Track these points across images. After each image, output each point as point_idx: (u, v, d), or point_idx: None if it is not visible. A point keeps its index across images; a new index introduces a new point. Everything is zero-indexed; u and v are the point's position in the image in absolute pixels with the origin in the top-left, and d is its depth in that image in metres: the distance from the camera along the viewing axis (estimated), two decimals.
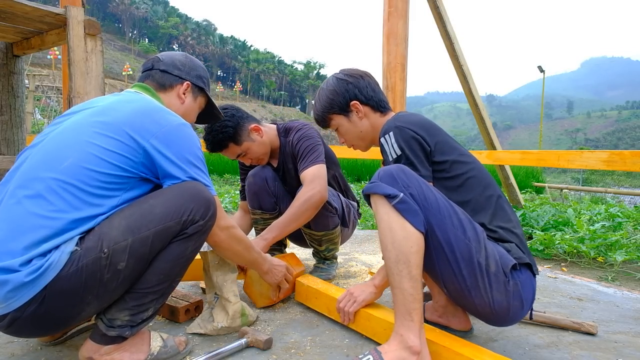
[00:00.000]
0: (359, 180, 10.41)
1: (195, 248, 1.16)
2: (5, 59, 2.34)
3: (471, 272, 1.12)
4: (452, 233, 1.12)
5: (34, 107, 14.74)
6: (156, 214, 1.07)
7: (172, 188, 1.12)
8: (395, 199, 1.11)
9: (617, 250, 2.75)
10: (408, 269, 1.09)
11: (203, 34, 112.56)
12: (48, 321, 1.02)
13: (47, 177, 1.03)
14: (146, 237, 1.05)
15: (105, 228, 1.03)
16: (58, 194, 1.02)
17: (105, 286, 1.02)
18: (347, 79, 1.45)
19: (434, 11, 3.73)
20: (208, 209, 1.14)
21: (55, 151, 1.08)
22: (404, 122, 1.27)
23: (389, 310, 1.36)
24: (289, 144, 1.97)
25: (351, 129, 1.48)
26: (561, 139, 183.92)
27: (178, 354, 1.21)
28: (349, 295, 1.41)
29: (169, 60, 1.37)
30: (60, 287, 0.97)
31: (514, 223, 1.25)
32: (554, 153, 2.92)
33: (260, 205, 2.00)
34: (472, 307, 1.19)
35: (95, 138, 1.08)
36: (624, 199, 8.94)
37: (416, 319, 1.10)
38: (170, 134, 1.13)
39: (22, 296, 0.95)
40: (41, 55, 36.12)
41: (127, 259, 1.03)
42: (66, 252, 0.98)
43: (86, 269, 0.99)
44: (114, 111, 1.14)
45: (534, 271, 1.20)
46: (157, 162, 1.11)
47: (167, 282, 1.13)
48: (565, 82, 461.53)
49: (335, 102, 1.45)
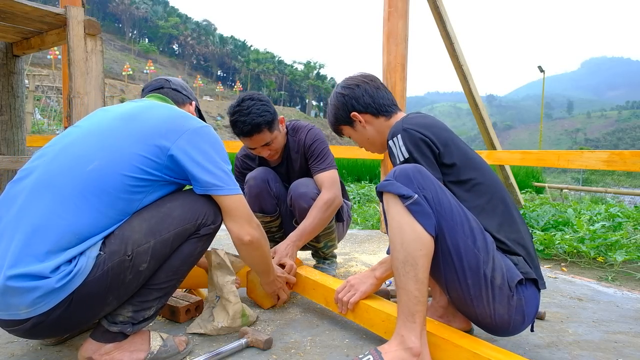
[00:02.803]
0: (359, 180, 10.40)
1: (203, 249, 1.22)
2: (5, 59, 2.34)
3: (476, 283, 1.11)
4: (462, 241, 1.11)
5: (34, 107, 14.75)
6: (175, 216, 1.12)
7: (187, 192, 1.19)
8: (409, 200, 1.09)
9: (617, 250, 2.75)
10: (415, 271, 1.08)
11: (203, 34, 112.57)
12: (69, 323, 1.03)
13: (72, 180, 1.03)
14: (167, 239, 1.10)
15: (127, 231, 1.05)
16: (84, 198, 1.02)
17: (127, 287, 1.06)
18: (343, 92, 1.46)
19: (434, 11, 3.73)
20: (217, 215, 1.21)
21: (79, 154, 1.08)
22: (412, 124, 1.26)
23: (386, 302, 1.36)
24: (298, 142, 1.98)
25: (359, 136, 1.51)
26: (561, 139, 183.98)
27: (178, 354, 1.21)
28: (348, 286, 1.40)
29: (176, 82, 1.48)
30: (87, 291, 0.99)
31: (522, 234, 1.23)
32: (554, 153, 2.92)
33: (262, 207, 1.99)
34: (473, 315, 1.19)
35: (121, 141, 1.10)
36: (624, 199, 8.93)
37: (418, 321, 1.09)
38: (195, 136, 1.16)
39: (50, 302, 0.96)
40: (41, 55, 36.12)
41: (149, 260, 1.07)
42: (92, 257, 1.00)
43: (111, 272, 1.02)
44: (139, 115, 1.16)
45: (540, 286, 1.19)
46: (183, 165, 1.13)
47: (174, 280, 1.16)
48: (565, 82, 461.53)
49: (338, 115, 1.49)
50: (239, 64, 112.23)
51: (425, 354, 1.11)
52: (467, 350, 1.07)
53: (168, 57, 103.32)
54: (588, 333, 1.50)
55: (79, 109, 1.95)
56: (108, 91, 25.34)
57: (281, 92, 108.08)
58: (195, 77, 67.26)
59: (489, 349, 1.07)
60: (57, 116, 18.17)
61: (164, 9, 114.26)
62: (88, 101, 1.97)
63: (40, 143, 5.18)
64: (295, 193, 1.88)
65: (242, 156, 2.16)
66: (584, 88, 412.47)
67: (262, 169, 2.00)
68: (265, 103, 1.80)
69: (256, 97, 1.81)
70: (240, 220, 1.22)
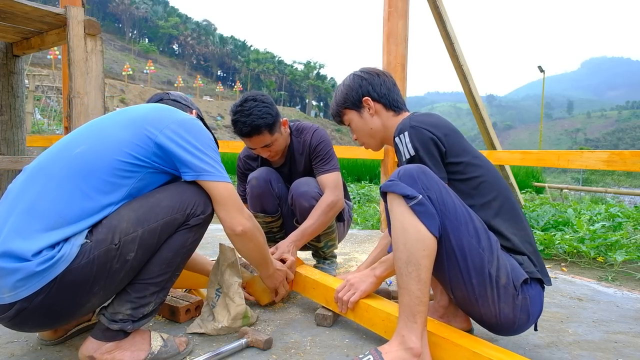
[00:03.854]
0: (359, 180, 10.41)
1: (195, 240, 1.21)
2: (5, 59, 2.35)
3: (481, 282, 1.11)
4: (466, 241, 1.11)
5: (34, 107, 14.75)
6: (163, 206, 1.12)
7: (176, 184, 1.19)
8: (413, 201, 1.09)
9: (617, 250, 2.75)
10: (417, 272, 1.08)
11: (203, 34, 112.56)
12: (54, 313, 1.03)
13: (60, 163, 1.07)
14: (155, 228, 1.10)
15: (114, 221, 1.06)
16: (70, 179, 1.05)
17: (113, 276, 1.06)
18: (363, 76, 1.46)
19: (434, 11, 3.73)
20: (208, 205, 1.20)
21: (68, 141, 1.14)
22: (419, 122, 1.26)
23: (386, 301, 1.37)
24: (303, 143, 1.98)
25: (362, 125, 1.48)
26: (561, 139, 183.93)
27: (178, 354, 1.21)
28: (348, 285, 1.40)
29: (176, 94, 1.52)
30: (71, 278, 1.00)
31: (527, 231, 1.23)
32: (554, 153, 2.92)
33: (264, 208, 1.99)
34: (478, 315, 1.19)
35: (109, 128, 1.15)
36: (624, 199, 8.94)
37: (419, 322, 1.09)
38: (182, 125, 1.18)
39: (31, 286, 0.96)
40: (41, 55, 36.12)
41: (136, 250, 1.07)
42: (77, 245, 1.01)
43: (97, 260, 1.02)
44: (131, 109, 1.22)
45: (546, 283, 1.19)
46: (170, 151, 1.14)
47: (168, 273, 1.16)
48: (565, 82, 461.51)
49: (348, 97, 1.47)
50: (239, 64, 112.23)
51: (425, 354, 1.10)
52: (467, 349, 1.08)
53: (168, 57, 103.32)
54: (588, 333, 1.50)
55: (79, 109, 1.95)
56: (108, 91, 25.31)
57: (281, 92, 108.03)
58: (195, 77, 67.23)
59: (489, 349, 1.07)
60: (57, 116, 18.17)
61: (164, 9, 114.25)
62: (88, 101, 1.98)
63: (40, 143, 5.19)
64: (296, 192, 1.88)
65: (245, 156, 2.14)
66: (584, 88, 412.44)
67: (264, 169, 1.99)
68: (267, 105, 1.80)
69: (259, 98, 1.81)
70: (232, 209, 1.21)
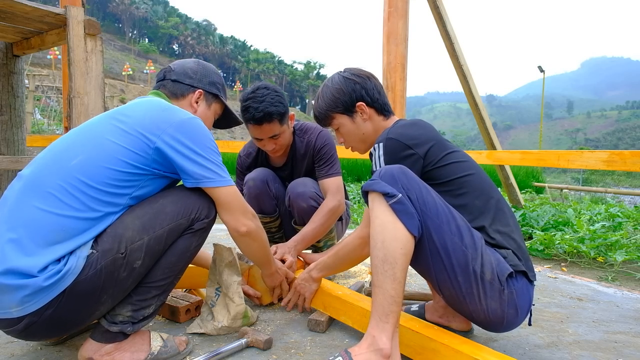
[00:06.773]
0: (359, 180, 10.40)
1: (199, 244, 1.21)
2: (5, 59, 2.35)
3: (466, 279, 1.11)
4: (449, 239, 1.11)
5: (34, 107, 14.75)
6: (168, 212, 1.11)
7: (179, 188, 1.18)
8: (393, 199, 1.09)
9: (617, 250, 2.75)
10: (393, 270, 1.07)
11: (203, 34, 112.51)
12: (63, 323, 1.02)
13: (57, 176, 1.03)
14: (160, 235, 1.09)
15: (119, 229, 1.05)
16: (70, 193, 1.02)
17: (121, 284, 1.05)
18: (355, 79, 1.40)
19: (434, 11, 3.73)
20: (211, 209, 1.20)
21: (63, 149, 1.09)
22: (398, 134, 1.25)
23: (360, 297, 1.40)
24: (306, 144, 1.97)
25: (353, 130, 1.43)
26: (561, 139, 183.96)
27: (178, 354, 1.21)
28: (295, 293, 1.58)
29: (180, 69, 1.36)
30: (79, 290, 0.98)
31: (512, 227, 1.23)
32: (554, 153, 2.92)
33: (261, 208, 1.98)
34: (467, 312, 1.19)
35: (105, 135, 1.09)
36: (624, 199, 8.94)
37: (391, 322, 1.08)
38: (179, 129, 1.13)
39: (39, 300, 0.95)
40: (41, 55, 36.09)
41: (143, 257, 1.06)
42: (83, 257, 0.99)
43: (105, 270, 1.01)
44: (127, 111, 1.16)
45: (531, 278, 1.18)
46: (170, 158, 1.11)
47: (171, 277, 1.15)
48: (565, 82, 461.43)
49: (340, 101, 1.39)
50: (239, 64, 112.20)
51: (395, 355, 1.09)
52: (467, 355, 1.07)
53: (168, 57, 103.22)
54: (588, 333, 1.50)
55: (79, 109, 1.95)
56: (108, 91, 25.31)
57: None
58: None
59: (488, 354, 1.07)
60: (57, 116, 18.16)
61: (164, 9, 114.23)
62: (88, 101, 1.98)
63: (40, 143, 5.19)
64: (293, 192, 1.88)
65: (245, 155, 2.12)
66: (584, 88, 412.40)
67: (262, 170, 1.99)
68: (279, 94, 1.79)
69: (271, 87, 1.80)
70: (235, 212, 1.21)
